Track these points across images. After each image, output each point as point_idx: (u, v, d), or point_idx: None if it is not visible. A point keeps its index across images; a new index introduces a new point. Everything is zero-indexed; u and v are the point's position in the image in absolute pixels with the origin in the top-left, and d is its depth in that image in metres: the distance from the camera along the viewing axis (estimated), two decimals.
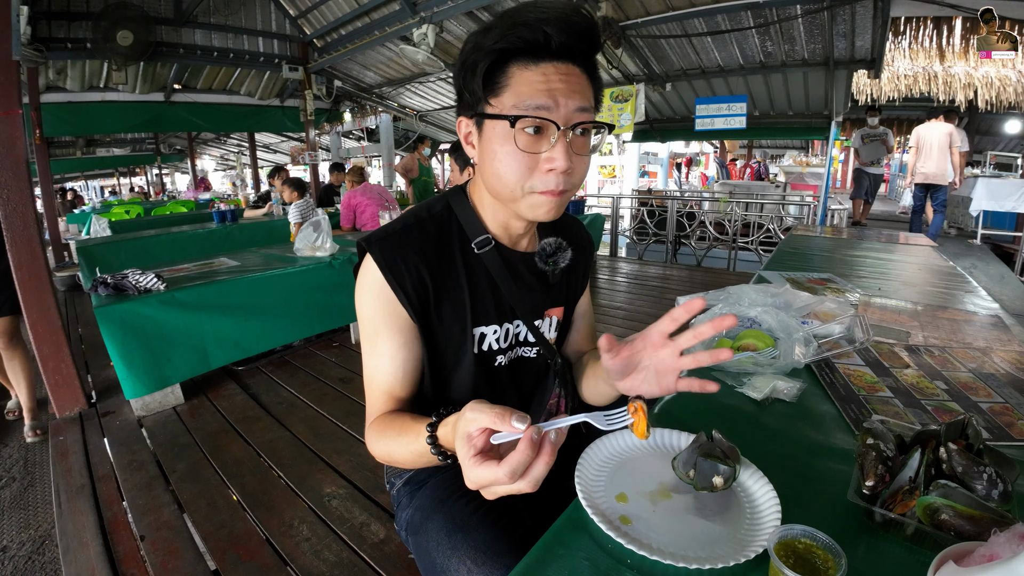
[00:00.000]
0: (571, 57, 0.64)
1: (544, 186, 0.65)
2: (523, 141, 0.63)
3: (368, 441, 0.72)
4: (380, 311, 0.71)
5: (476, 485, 0.46)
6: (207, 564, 1.41)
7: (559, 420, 0.48)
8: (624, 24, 4.71)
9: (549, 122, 0.62)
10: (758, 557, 0.49)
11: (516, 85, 0.63)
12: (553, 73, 0.62)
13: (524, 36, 0.61)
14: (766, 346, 0.97)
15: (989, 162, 7.33)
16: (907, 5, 4.04)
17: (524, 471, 0.44)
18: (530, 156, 0.64)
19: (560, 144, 0.63)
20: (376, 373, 0.73)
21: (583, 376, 0.85)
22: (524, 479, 0.44)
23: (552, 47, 0.62)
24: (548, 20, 0.60)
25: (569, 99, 0.63)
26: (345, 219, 4.39)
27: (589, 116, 0.65)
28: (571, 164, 0.64)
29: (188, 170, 12.95)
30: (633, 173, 11.05)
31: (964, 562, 0.39)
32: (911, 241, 2.50)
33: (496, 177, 0.67)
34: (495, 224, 0.77)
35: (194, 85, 6.58)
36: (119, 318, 2.05)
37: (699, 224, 6.50)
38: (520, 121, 0.62)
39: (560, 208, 0.69)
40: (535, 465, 0.44)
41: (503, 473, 0.44)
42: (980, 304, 1.40)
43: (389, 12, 5.28)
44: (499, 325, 0.78)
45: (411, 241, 0.72)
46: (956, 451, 0.54)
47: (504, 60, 0.63)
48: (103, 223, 4.89)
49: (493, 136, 0.65)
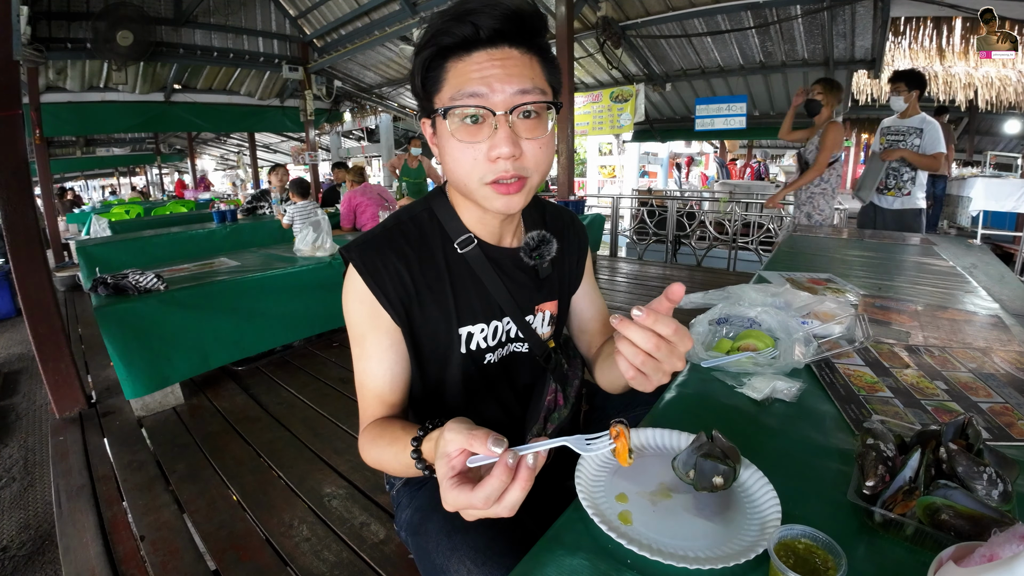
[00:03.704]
0: (507, 41, 0.62)
1: (493, 174, 0.64)
2: (461, 132, 0.63)
3: (360, 448, 0.72)
4: (365, 316, 0.72)
5: (452, 507, 0.46)
6: (207, 564, 1.41)
7: (537, 444, 0.47)
8: (624, 24, 4.71)
9: (484, 109, 0.62)
10: (758, 557, 0.49)
11: (452, 79, 0.63)
12: (486, 60, 0.62)
13: (453, 30, 0.61)
14: (766, 346, 0.97)
15: (989, 162, 7.32)
16: (907, 5, 4.04)
17: (499, 496, 0.44)
18: (473, 146, 0.63)
19: (501, 129, 0.62)
20: (366, 378, 0.73)
21: (599, 365, 0.85)
22: (500, 504, 0.44)
23: (482, 36, 0.61)
24: (473, 10, 0.60)
25: (506, 83, 0.61)
26: (345, 219, 4.39)
27: (531, 97, 0.63)
28: (516, 149, 0.63)
29: (188, 169, 12.94)
30: (633, 173, 11.04)
31: (964, 562, 0.39)
32: (911, 241, 2.50)
33: (451, 173, 0.68)
34: (474, 222, 0.76)
35: (194, 85, 6.58)
36: (119, 318, 2.05)
37: (699, 224, 6.50)
38: (453, 112, 0.62)
39: (521, 200, 0.67)
40: (510, 491, 0.44)
41: (478, 499, 0.43)
42: (980, 304, 1.40)
43: (389, 12, 5.29)
44: (486, 323, 0.78)
45: (391, 245, 0.72)
46: (956, 451, 0.54)
47: (441, 57, 0.63)
48: (103, 223, 4.89)
49: (442, 133, 0.65)
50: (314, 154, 7.67)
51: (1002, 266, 2.03)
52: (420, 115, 0.72)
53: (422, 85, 0.66)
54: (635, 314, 0.51)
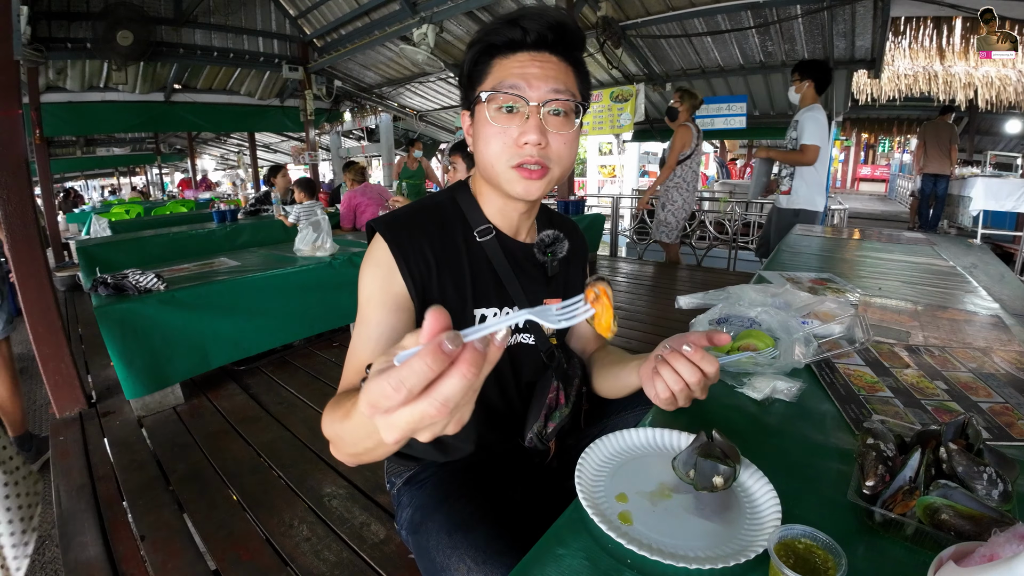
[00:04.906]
0: (548, 48, 0.71)
1: (519, 158, 0.71)
2: (497, 117, 0.71)
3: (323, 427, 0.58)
4: (379, 280, 0.73)
5: (368, 406, 0.32)
6: (207, 564, 1.41)
7: (493, 322, 0.35)
8: (624, 24, 4.71)
9: (519, 98, 0.69)
10: (758, 557, 0.49)
11: (495, 72, 0.72)
12: (528, 60, 0.71)
13: (503, 31, 0.70)
14: (766, 346, 0.97)
15: (989, 162, 7.32)
16: (907, 5, 4.04)
17: (424, 385, 0.31)
18: (505, 131, 0.71)
19: (532, 119, 0.69)
20: (358, 343, 0.73)
21: (599, 372, 0.88)
22: (428, 396, 0.31)
23: (528, 40, 0.70)
24: (524, 16, 0.70)
25: (542, 82, 0.70)
26: (345, 219, 4.39)
27: (563, 96, 0.70)
28: (543, 138, 0.70)
29: (188, 169, 12.94)
30: (633, 173, 11.04)
31: (964, 562, 0.39)
32: (911, 241, 2.50)
33: (481, 156, 0.74)
34: (495, 212, 0.82)
35: (194, 85, 6.58)
36: (119, 318, 2.05)
37: (699, 224, 6.50)
38: (493, 97, 0.70)
39: (540, 187, 0.74)
40: (444, 379, 0.31)
41: (389, 384, 0.30)
42: (980, 304, 1.40)
43: (389, 12, 5.29)
44: (499, 308, 0.81)
45: (418, 223, 0.77)
46: (956, 451, 0.54)
47: (488, 54, 0.72)
48: (103, 223, 4.89)
49: (479, 120, 0.73)
50: (314, 154, 7.66)
51: (1002, 266, 2.03)
52: (462, 107, 0.80)
53: (468, 76, 0.75)
54: (685, 349, 0.65)
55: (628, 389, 0.81)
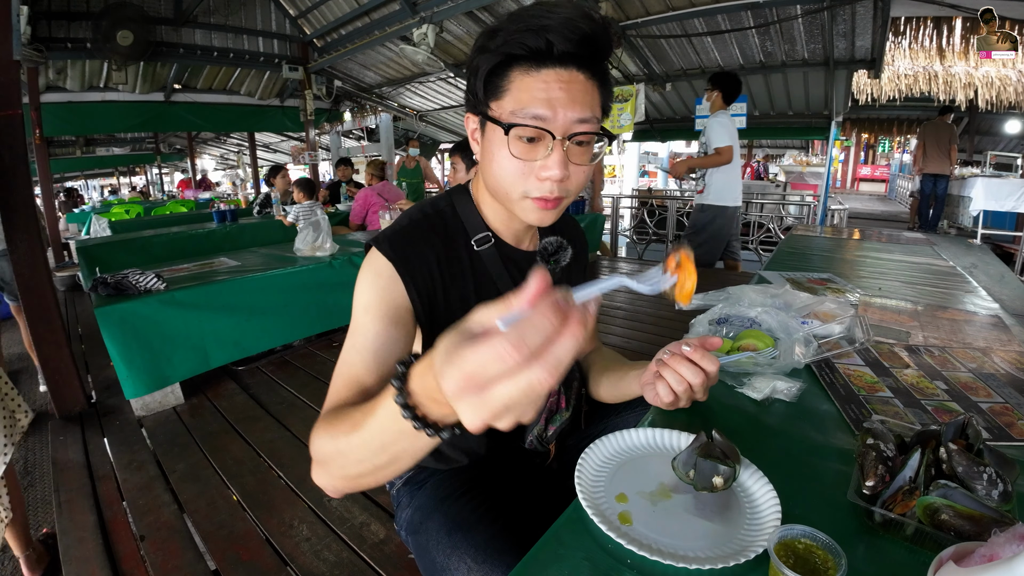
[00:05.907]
0: (576, 63, 0.62)
1: (539, 192, 0.66)
2: (518, 148, 0.63)
3: (313, 447, 0.54)
4: (379, 290, 0.68)
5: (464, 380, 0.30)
6: (207, 564, 1.41)
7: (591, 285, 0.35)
8: (624, 24, 4.71)
9: (545, 131, 0.62)
10: (758, 557, 0.49)
11: (516, 91, 0.62)
12: (554, 81, 0.61)
13: (527, 42, 0.60)
14: (766, 346, 0.97)
15: (989, 162, 7.32)
16: (907, 5, 4.04)
17: (543, 345, 0.28)
18: (525, 163, 0.64)
19: (556, 153, 0.63)
20: (351, 354, 0.65)
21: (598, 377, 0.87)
22: (540, 360, 0.28)
23: (555, 54, 0.60)
24: (551, 27, 0.59)
25: (569, 109, 0.62)
26: (356, 215, 4.38)
27: (589, 127, 0.64)
28: (566, 173, 0.64)
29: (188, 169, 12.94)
30: (633, 173, 11.05)
31: (964, 562, 0.39)
32: (910, 241, 2.50)
33: (494, 178, 0.68)
34: (497, 221, 0.78)
35: (194, 85, 6.57)
36: (119, 318, 2.05)
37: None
38: (515, 129, 0.62)
39: (555, 216, 0.70)
40: (561, 338, 0.29)
41: (506, 345, 0.28)
42: (980, 304, 1.40)
43: (389, 12, 5.28)
44: None
45: (421, 235, 0.73)
46: (956, 451, 0.54)
47: (507, 64, 0.63)
48: (103, 223, 4.89)
49: (493, 138, 0.66)
50: (314, 154, 7.66)
51: (1002, 266, 2.03)
52: (467, 108, 0.71)
53: (482, 86, 0.65)
54: (684, 349, 0.66)
55: (628, 398, 0.81)
